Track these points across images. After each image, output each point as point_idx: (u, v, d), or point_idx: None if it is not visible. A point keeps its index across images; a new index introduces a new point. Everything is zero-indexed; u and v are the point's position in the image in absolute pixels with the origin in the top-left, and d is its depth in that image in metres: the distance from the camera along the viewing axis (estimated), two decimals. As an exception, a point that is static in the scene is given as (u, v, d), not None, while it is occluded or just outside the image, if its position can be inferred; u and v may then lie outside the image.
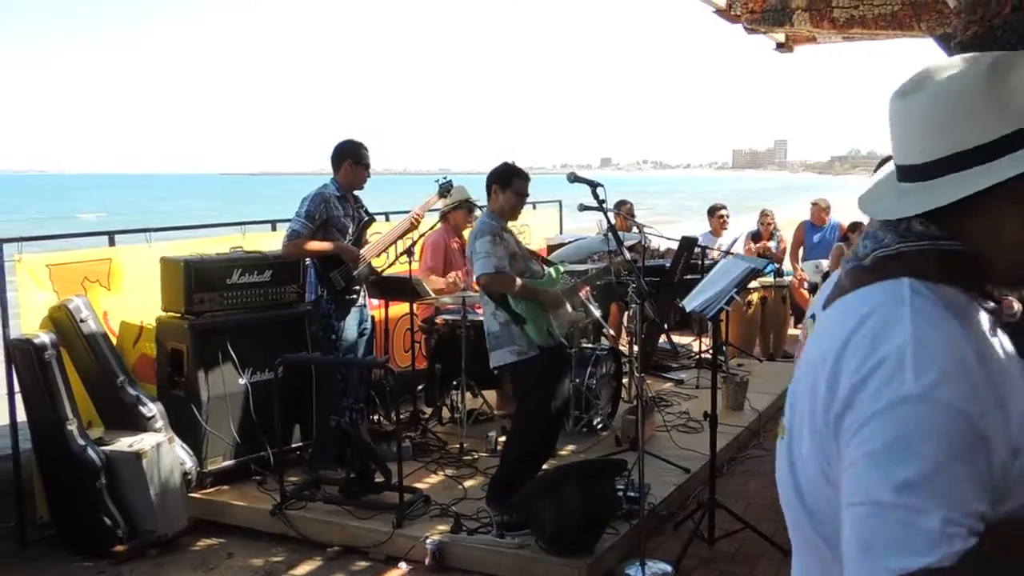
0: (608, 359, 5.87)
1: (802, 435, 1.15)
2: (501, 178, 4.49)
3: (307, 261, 5.13)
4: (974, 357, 1.03)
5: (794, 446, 1.17)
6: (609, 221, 4.29)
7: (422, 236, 5.81)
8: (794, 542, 1.22)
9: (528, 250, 4.77)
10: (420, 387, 6.12)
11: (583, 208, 4.39)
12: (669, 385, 7.00)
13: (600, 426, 5.72)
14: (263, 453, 4.91)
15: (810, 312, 1.29)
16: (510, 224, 4.61)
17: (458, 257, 6.13)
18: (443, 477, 5.00)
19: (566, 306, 4.58)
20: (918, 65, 1.16)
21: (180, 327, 4.81)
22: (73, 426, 4.35)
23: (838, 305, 1.15)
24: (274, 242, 5.34)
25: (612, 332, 7.11)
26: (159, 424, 4.61)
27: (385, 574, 4.12)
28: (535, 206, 8.92)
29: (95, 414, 4.73)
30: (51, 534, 4.50)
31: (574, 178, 4.25)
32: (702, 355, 7.51)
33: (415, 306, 5.87)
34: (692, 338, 8.11)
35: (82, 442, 4.33)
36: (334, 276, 4.98)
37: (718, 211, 8.72)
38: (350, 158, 5.06)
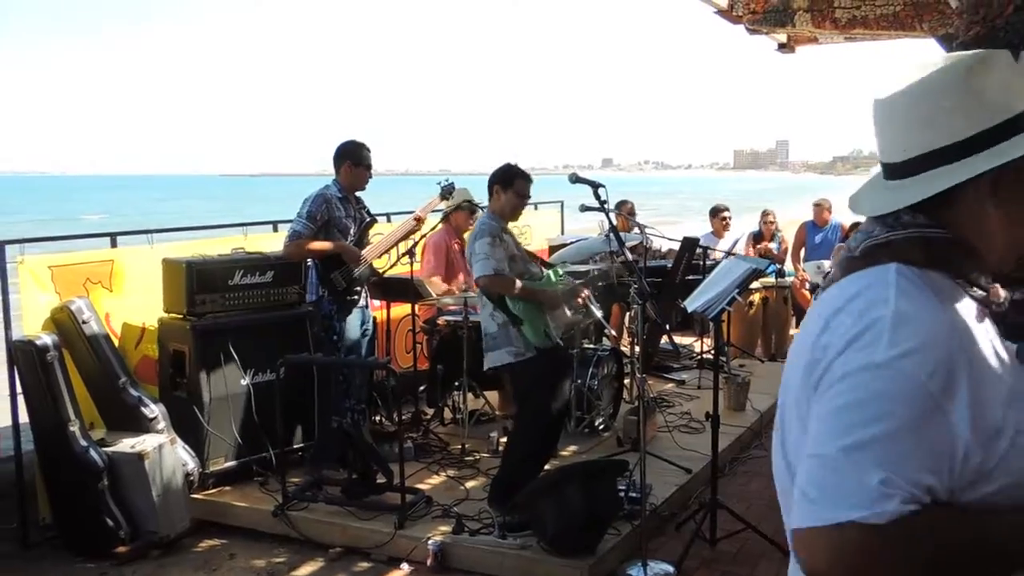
0: (610, 360, 5.87)
1: (791, 424, 1.18)
2: (503, 179, 4.49)
3: (308, 262, 5.13)
4: (953, 338, 1.07)
5: (786, 438, 1.20)
6: (611, 222, 4.28)
7: (423, 237, 5.81)
8: (789, 533, 1.25)
9: (527, 252, 4.78)
10: (422, 388, 6.12)
11: (584, 209, 4.38)
12: (671, 386, 7.00)
13: (602, 427, 5.72)
14: (265, 454, 4.91)
15: None
16: (511, 225, 4.62)
17: (459, 258, 6.13)
18: (445, 478, 5.00)
19: (564, 308, 4.57)
20: (936, 59, 1.18)
21: (182, 328, 4.82)
22: (75, 427, 4.35)
23: (827, 291, 1.20)
24: (276, 243, 5.34)
25: (614, 333, 7.11)
26: (161, 425, 4.61)
27: (387, 575, 4.12)
28: (536, 207, 8.92)
29: (97, 415, 4.73)
30: (53, 535, 4.50)
31: (575, 179, 4.24)
32: (704, 356, 7.51)
33: (417, 307, 5.88)
34: (694, 339, 8.10)
35: (84, 443, 4.34)
36: (335, 277, 4.98)
37: (720, 212, 8.71)
38: (349, 159, 5.06)
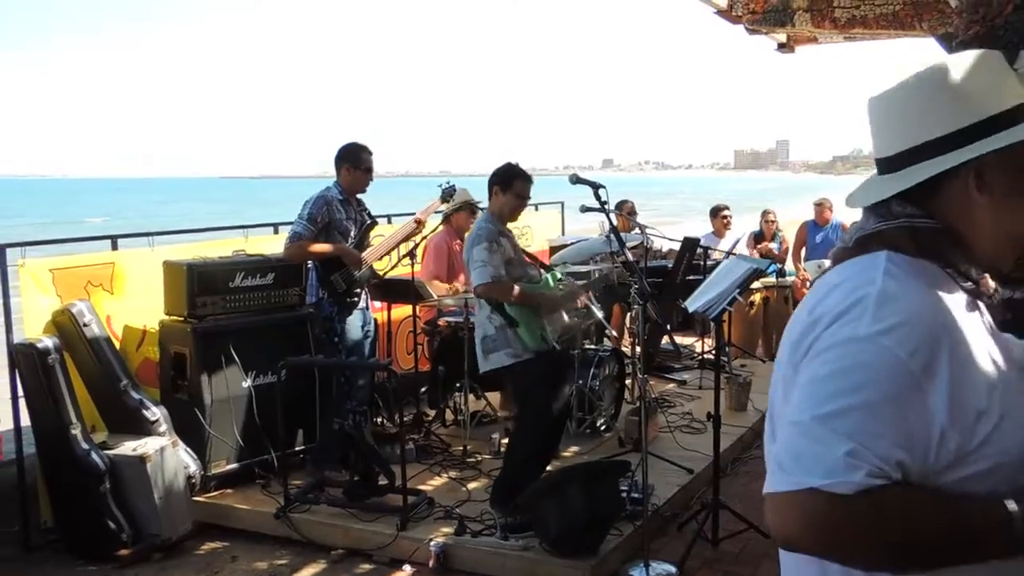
0: (611, 360, 5.87)
1: (778, 405, 1.21)
2: (502, 179, 4.46)
3: (309, 264, 5.13)
4: (937, 320, 1.09)
5: (776, 424, 1.22)
6: (611, 222, 4.28)
7: (424, 239, 5.82)
8: None
9: (527, 251, 4.76)
10: (423, 389, 6.12)
11: (585, 209, 4.37)
12: (672, 386, 7.00)
13: (603, 427, 5.71)
14: (267, 456, 4.91)
15: None
16: (511, 225, 4.60)
17: (460, 259, 6.13)
18: (446, 479, 5.00)
19: (562, 312, 4.56)
20: (920, 65, 1.23)
21: (183, 330, 4.81)
22: (77, 430, 4.35)
23: (820, 279, 1.24)
24: (277, 245, 5.34)
25: (615, 333, 7.11)
26: (163, 428, 4.61)
27: (389, 576, 4.12)
28: (537, 207, 8.92)
29: (99, 418, 4.73)
30: (55, 538, 4.50)
31: (576, 179, 4.23)
32: (705, 356, 7.51)
33: (418, 308, 5.88)
34: (695, 339, 8.10)
35: (86, 446, 4.34)
36: (335, 279, 4.98)
37: (721, 212, 8.71)
38: (348, 162, 5.06)
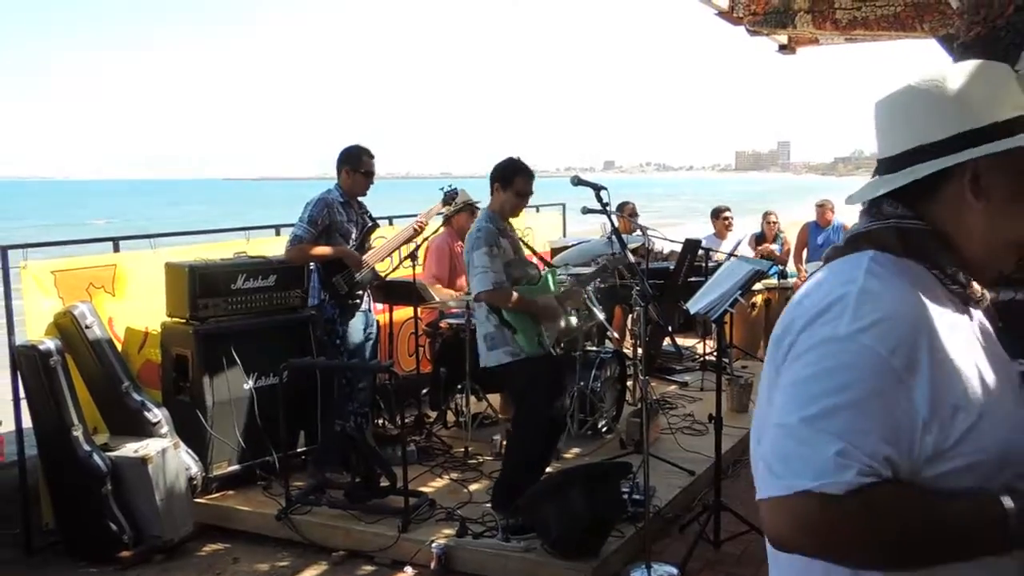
0: (612, 362, 5.87)
1: (762, 405, 1.22)
2: (503, 176, 4.41)
3: (311, 266, 5.14)
4: (918, 316, 1.11)
5: (759, 425, 1.23)
6: (613, 224, 4.28)
7: (426, 240, 5.82)
8: None
9: (527, 245, 4.73)
10: (424, 391, 6.12)
11: (587, 211, 4.37)
12: (673, 387, 7.00)
13: (605, 429, 5.71)
14: (268, 458, 4.91)
15: None
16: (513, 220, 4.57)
17: (462, 261, 6.13)
18: (448, 481, 4.99)
19: (560, 316, 4.56)
20: (921, 66, 1.29)
21: (185, 332, 4.82)
22: (78, 432, 4.35)
23: (808, 278, 1.27)
24: (278, 247, 5.34)
25: (616, 335, 7.10)
26: (164, 429, 4.61)
27: (390, 578, 4.12)
28: (539, 209, 8.92)
29: (100, 420, 4.74)
30: (56, 540, 4.50)
31: (578, 181, 4.23)
32: (706, 357, 7.50)
33: (419, 310, 5.87)
34: (696, 340, 8.09)
35: (87, 448, 4.34)
36: (337, 281, 4.98)
37: (722, 213, 8.71)
38: (348, 165, 5.07)
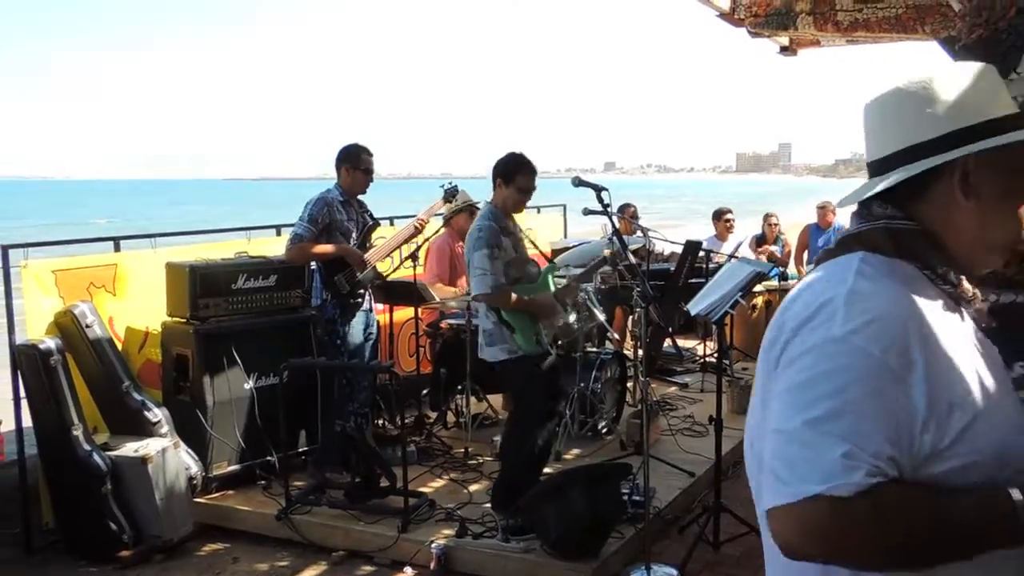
0: (613, 363, 5.87)
1: (755, 407, 1.23)
2: (504, 172, 4.38)
3: (312, 266, 5.14)
4: (909, 315, 1.11)
5: (752, 425, 1.24)
6: (614, 225, 4.28)
7: (427, 240, 5.82)
8: (759, 512, 1.26)
9: (531, 241, 4.72)
10: (425, 391, 6.12)
11: (588, 212, 4.37)
12: (674, 389, 7.00)
13: (605, 430, 5.71)
14: (268, 458, 4.91)
15: None
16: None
17: (462, 262, 6.13)
18: (448, 481, 4.99)
19: (559, 313, 4.56)
20: (922, 68, 1.26)
21: (185, 332, 4.82)
22: (78, 431, 4.35)
23: (800, 280, 1.26)
24: (279, 247, 5.34)
25: (617, 336, 7.10)
26: (164, 429, 4.62)
27: (390, 579, 4.12)
28: (540, 210, 8.91)
29: (100, 419, 4.74)
30: (56, 540, 4.50)
31: (579, 182, 4.23)
32: (707, 359, 7.50)
33: (420, 311, 5.87)
34: (697, 342, 8.09)
35: (87, 447, 4.34)
36: (338, 280, 4.98)
37: (724, 215, 8.70)
38: (347, 163, 5.07)
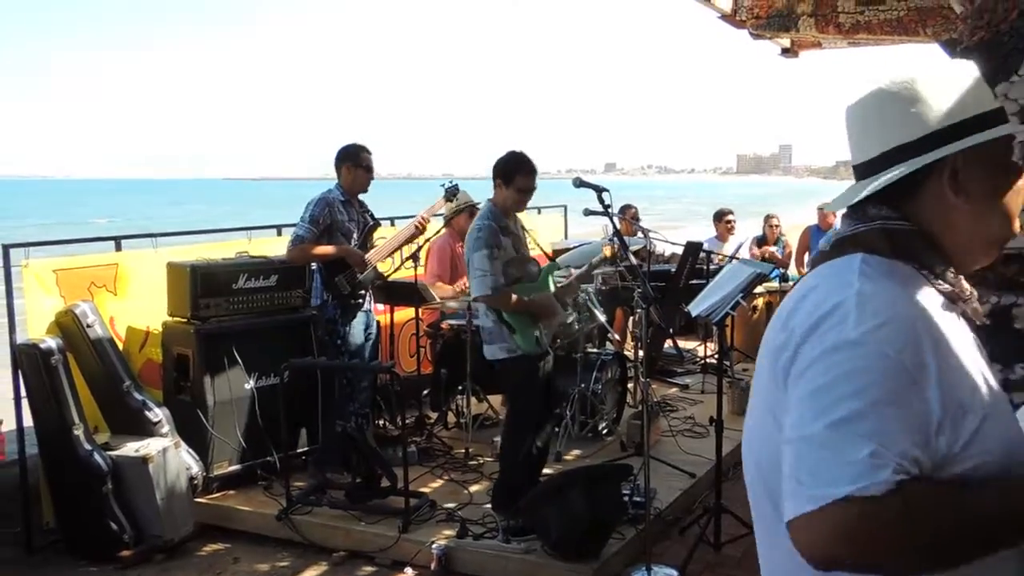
0: (613, 364, 5.87)
1: (755, 408, 1.25)
2: (504, 171, 4.35)
3: (313, 266, 5.14)
4: (917, 317, 1.11)
5: (751, 426, 1.26)
6: (615, 225, 4.28)
7: (428, 241, 5.82)
8: (755, 517, 1.30)
9: (533, 240, 4.71)
10: (425, 392, 6.12)
11: (588, 213, 4.37)
12: (674, 390, 7.00)
13: (605, 431, 5.71)
14: (269, 458, 4.91)
15: None
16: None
17: (463, 262, 6.12)
18: (448, 482, 4.99)
19: (559, 312, 4.56)
20: (902, 69, 1.25)
21: (186, 332, 4.82)
22: (79, 431, 4.35)
23: (798, 283, 1.25)
24: (280, 247, 5.35)
25: (617, 337, 7.10)
26: (165, 429, 4.62)
27: (390, 579, 4.12)
28: (540, 211, 8.91)
29: (101, 419, 4.74)
30: (57, 539, 4.51)
31: (579, 183, 4.22)
32: (707, 360, 7.51)
33: (420, 311, 5.87)
34: (697, 343, 8.09)
35: (88, 447, 4.34)
36: (339, 280, 4.98)
37: (725, 216, 8.70)
38: (348, 161, 5.07)
